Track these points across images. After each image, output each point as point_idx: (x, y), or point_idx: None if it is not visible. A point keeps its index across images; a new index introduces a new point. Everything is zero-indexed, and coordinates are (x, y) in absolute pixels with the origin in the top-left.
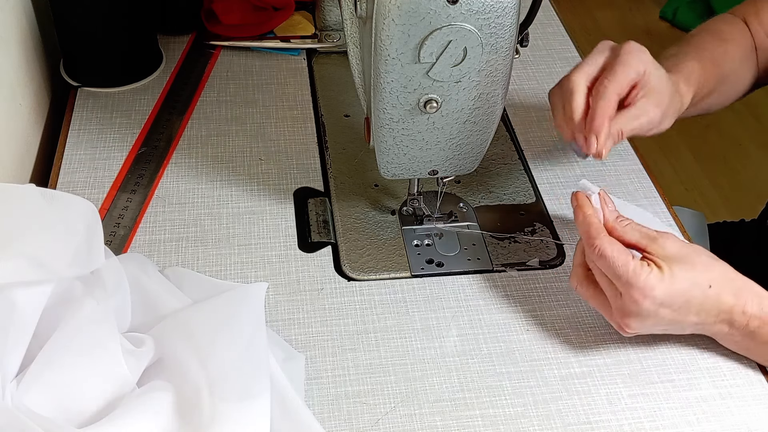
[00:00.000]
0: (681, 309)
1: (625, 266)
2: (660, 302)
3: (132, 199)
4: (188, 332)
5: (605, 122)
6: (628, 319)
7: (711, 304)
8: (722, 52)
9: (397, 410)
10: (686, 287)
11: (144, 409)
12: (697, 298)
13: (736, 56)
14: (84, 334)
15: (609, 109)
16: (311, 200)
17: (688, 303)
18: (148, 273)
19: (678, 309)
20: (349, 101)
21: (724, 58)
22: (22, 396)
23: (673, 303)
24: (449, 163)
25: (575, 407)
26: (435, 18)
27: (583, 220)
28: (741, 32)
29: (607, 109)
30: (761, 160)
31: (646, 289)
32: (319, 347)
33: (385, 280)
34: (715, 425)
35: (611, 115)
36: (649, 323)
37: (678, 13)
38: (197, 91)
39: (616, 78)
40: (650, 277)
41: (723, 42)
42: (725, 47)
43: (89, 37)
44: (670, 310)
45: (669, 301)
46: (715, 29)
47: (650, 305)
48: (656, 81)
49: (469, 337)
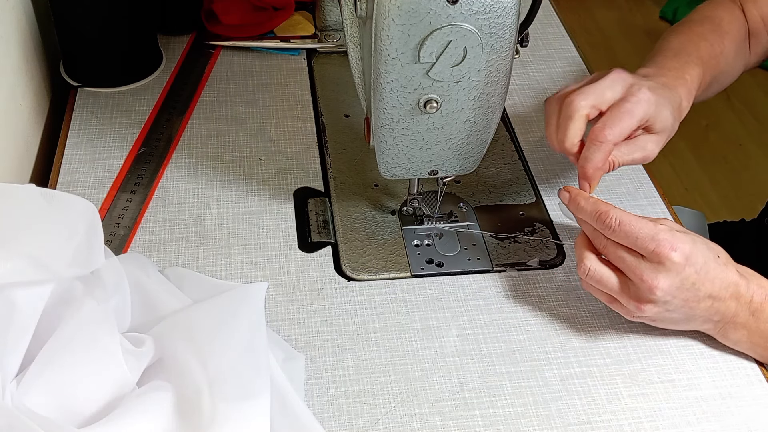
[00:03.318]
0: (701, 271)
1: (647, 225)
2: (687, 255)
3: (132, 199)
4: (188, 332)
5: (597, 173)
6: (657, 278)
7: (722, 274)
8: (719, 50)
9: (397, 410)
10: (704, 248)
11: (144, 409)
12: (712, 262)
13: (731, 51)
14: (84, 334)
15: (602, 160)
16: (311, 200)
17: (706, 266)
18: (148, 273)
19: (699, 270)
20: (349, 101)
21: (720, 57)
22: (22, 396)
23: (696, 260)
24: (449, 163)
25: (575, 407)
26: (435, 18)
27: (586, 203)
28: (738, 21)
29: (600, 160)
30: (761, 160)
31: (674, 241)
32: (319, 347)
33: (385, 280)
34: (715, 425)
35: (604, 165)
36: (676, 284)
37: (678, 13)
38: (197, 91)
39: (616, 128)
40: (673, 232)
41: (722, 36)
42: (723, 44)
43: (89, 37)
44: (694, 269)
45: (693, 258)
46: (716, 17)
47: (680, 258)
48: (660, 124)
49: (469, 337)
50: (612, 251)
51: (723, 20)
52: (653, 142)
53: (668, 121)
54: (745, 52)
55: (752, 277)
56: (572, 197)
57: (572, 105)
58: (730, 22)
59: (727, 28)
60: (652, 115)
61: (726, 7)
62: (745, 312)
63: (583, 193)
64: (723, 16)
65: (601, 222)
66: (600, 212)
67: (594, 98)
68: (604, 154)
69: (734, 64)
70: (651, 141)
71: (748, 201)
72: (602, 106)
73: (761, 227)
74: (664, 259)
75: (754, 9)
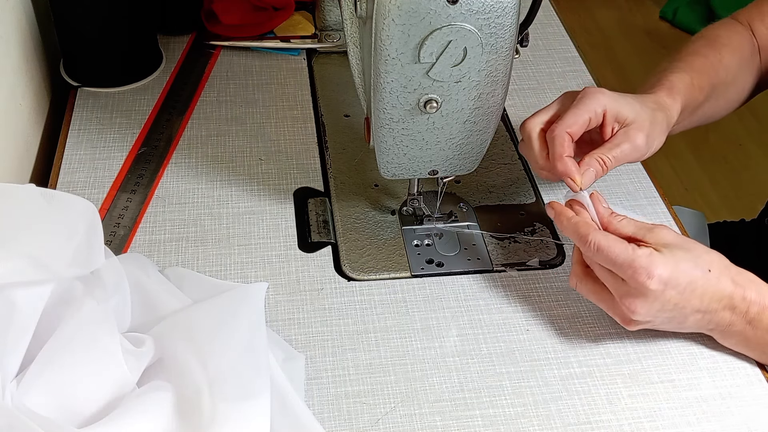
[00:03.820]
0: (686, 291)
1: (624, 252)
2: (666, 281)
3: (132, 199)
4: (188, 332)
5: (566, 162)
6: (635, 303)
7: (713, 288)
8: (716, 59)
9: (397, 410)
10: (688, 268)
11: (144, 409)
12: (699, 279)
13: (733, 62)
14: (84, 334)
15: (562, 150)
16: (311, 200)
17: (692, 285)
18: (148, 273)
19: (683, 291)
20: (349, 101)
21: (718, 66)
22: (22, 396)
23: (678, 283)
24: (449, 163)
25: (575, 407)
26: (435, 18)
27: (568, 223)
28: (740, 36)
29: (560, 151)
30: (761, 160)
31: (651, 268)
32: (319, 347)
33: (385, 280)
34: (715, 425)
35: (569, 153)
36: (656, 308)
37: (678, 13)
38: (197, 91)
39: (564, 121)
40: (652, 257)
41: (718, 48)
42: (720, 54)
43: (89, 37)
44: (676, 291)
45: (674, 281)
46: (712, 35)
47: (656, 285)
48: (628, 110)
49: (469, 337)
50: (597, 269)
51: (720, 36)
52: (633, 129)
53: (635, 107)
54: (755, 65)
55: (749, 285)
56: (556, 214)
57: (526, 128)
58: (729, 37)
59: (724, 42)
60: (610, 105)
61: (726, 26)
62: (741, 322)
63: (566, 212)
64: (720, 33)
65: (581, 244)
66: (579, 234)
67: (542, 115)
68: (561, 145)
69: (738, 76)
70: (631, 130)
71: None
72: (554, 118)
73: (761, 227)
74: (640, 286)
75: (763, 27)
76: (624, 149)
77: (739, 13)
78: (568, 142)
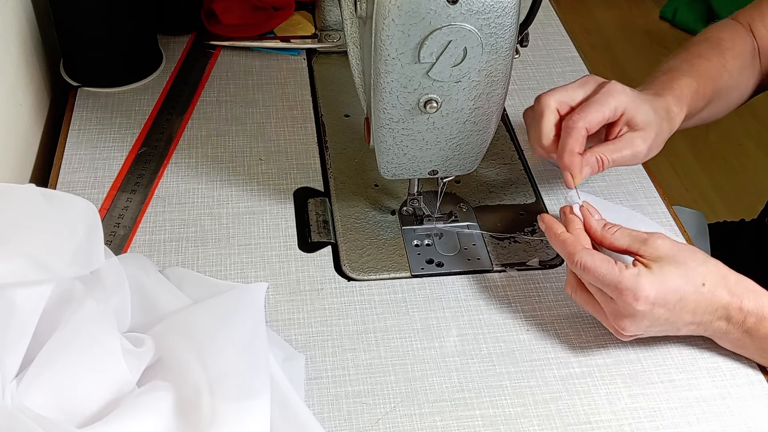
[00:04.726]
0: (676, 308)
1: (610, 273)
2: (653, 301)
3: (132, 199)
4: (188, 332)
5: (574, 158)
6: (623, 322)
7: (706, 302)
8: (720, 64)
9: (397, 410)
10: (678, 285)
11: (144, 409)
12: (691, 295)
13: (735, 66)
14: (84, 334)
15: (575, 145)
16: (311, 200)
17: (682, 301)
18: (148, 273)
19: (673, 308)
20: (349, 101)
21: (722, 71)
22: (22, 396)
23: (667, 301)
24: (449, 163)
25: (575, 407)
26: (435, 18)
27: (556, 240)
28: (742, 39)
29: (573, 145)
30: (761, 160)
31: (637, 290)
32: (319, 347)
33: (385, 280)
34: (715, 425)
35: (580, 149)
36: (645, 324)
37: (678, 13)
38: (197, 91)
39: (586, 115)
40: (639, 278)
41: (722, 52)
42: (724, 58)
43: (89, 37)
44: (665, 309)
45: (662, 300)
46: (715, 38)
47: (643, 306)
48: (642, 117)
49: (469, 337)
50: (587, 285)
51: (723, 39)
52: (640, 138)
53: (649, 115)
54: (755, 68)
55: (747, 294)
56: (546, 228)
57: (541, 102)
58: (732, 40)
59: (728, 45)
60: (629, 108)
61: (728, 27)
62: (737, 331)
63: (556, 227)
64: (723, 36)
65: (569, 261)
66: (566, 252)
67: (562, 94)
68: (576, 140)
69: (740, 80)
70: (637, 137)
71: (748, 201)
72: (572, 102)
73: (761, 227)
74: (628, 306)
75: (763, 28)
76: (625, 155)
77: (739, 14)
78: (583, 137)
